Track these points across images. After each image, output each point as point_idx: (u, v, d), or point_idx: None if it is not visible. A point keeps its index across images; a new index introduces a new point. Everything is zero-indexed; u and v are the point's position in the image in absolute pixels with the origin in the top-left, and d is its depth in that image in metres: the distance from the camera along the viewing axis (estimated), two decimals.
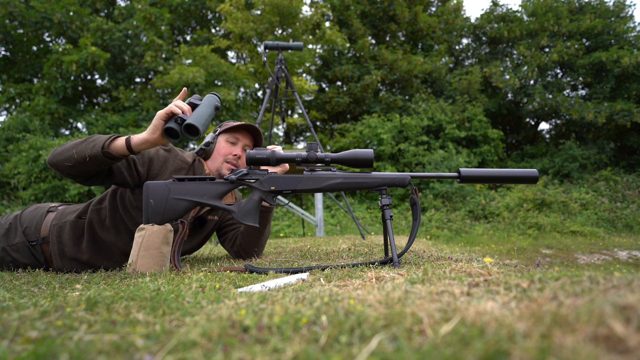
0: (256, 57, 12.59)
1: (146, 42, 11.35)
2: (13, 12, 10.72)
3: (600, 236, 7.97)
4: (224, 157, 1.75)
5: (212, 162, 1.77)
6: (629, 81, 11.99)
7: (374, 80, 11.96)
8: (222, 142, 1.77)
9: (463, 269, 1.02)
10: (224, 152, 1.75)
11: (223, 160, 1.75)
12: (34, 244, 1.68)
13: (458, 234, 8.49)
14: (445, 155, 10.39)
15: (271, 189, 1.45)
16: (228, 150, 1.75)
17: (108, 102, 12.76)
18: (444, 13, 14.70)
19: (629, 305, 0.53)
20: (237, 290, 0.87)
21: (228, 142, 1.77)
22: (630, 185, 10.51)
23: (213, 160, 1.77)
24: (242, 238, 1.81)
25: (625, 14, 13.36)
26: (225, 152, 1.75)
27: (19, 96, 11.48)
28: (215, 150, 1.76)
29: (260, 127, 10.23)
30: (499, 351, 0.46)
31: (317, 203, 5.71)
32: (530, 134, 14.12)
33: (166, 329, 0.61)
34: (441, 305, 0.66)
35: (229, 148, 1.76)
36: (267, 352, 0.51)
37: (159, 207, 1.39)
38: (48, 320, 0.68)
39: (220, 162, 1.75)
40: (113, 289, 0.97)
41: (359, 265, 1.33)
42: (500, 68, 12.95)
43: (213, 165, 1.76)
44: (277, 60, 3.36)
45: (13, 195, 8.93)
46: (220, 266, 1.51)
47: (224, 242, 1.93)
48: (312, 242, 3.00)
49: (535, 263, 1.33)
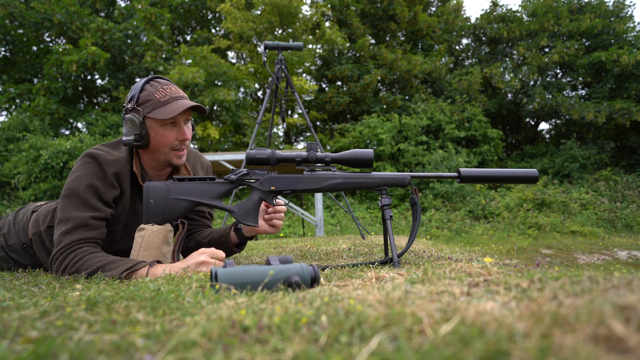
0: (256, 57, 12.59)
1: (146, 42, 11.36)
2: (13, 13, 10.73)
3: (600, 236, 7.97)
4: (168, 146, 1.50)
5: (156, 154, 1.51)
6: (628, 81, 12.00)
7: (373, 80, 11.97)
8: (158, 129, 1.47)
9: (463, 269, 1.02)
10: (167, 140, 1.48)
11: (169, 150, 1.50)
12: (26, 245, 1.67)
13: (458, 234, 8.49)
14: (445, 155, 10.39)
15: (271, 189, 1.45)
16: (171, 137, 1.49)
17: (108, 102, 12.77)
18: (444, 13, 14.70)
19: (629, 305, 0.53)
20: (237, 290, 0.87)
21: (165, 127, 1.47)
22: (630, 185, 10.51)
23: (155, 151, 1.51)
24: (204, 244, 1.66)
25: (625, 14, 13.37)
26: (169, 140, 1.49)
27: (19, 96, 11.49)
28: (152, 139, 1.48)
29: (260, 127, 10.24)
30: (499, 351, 0.46)
31: (317, 203, 5.71)
32: (530, 134, 14.12)
33: (166, 329, 0.61)
34: (441, 305, 0.66)
35: (171, 133, 1.48)
36: (267, 352, 0.51)
37: (159, 207, 1.39)
38: (48, 320, 0.68)
39: (166, 152, 1.50)
40: (113, 289, 0.97)
41: (359, 265, 1.33)
42: (500, 69, 12.95)
43: (157, 158, 1.52)
44: (277, 60, 3.36)
45: (13, 195, 8.93)
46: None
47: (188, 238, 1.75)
48: (312, 242, 3.00)
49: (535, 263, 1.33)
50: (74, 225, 1.34)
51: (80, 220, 1.35)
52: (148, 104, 1.45)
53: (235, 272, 0.90)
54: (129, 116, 1.45)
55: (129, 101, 1.49)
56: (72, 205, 1.37)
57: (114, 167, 1.43)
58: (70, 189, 1.38)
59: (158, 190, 1.40)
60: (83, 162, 1.42)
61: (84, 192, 1.37)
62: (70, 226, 1.34)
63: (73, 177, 1.41)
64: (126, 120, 1.46)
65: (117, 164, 1.44)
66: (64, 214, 1.37)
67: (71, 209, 1.36)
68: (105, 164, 1.42)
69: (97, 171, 1.41)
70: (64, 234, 1.34)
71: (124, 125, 1.48)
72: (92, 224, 1.37)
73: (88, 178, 1.39)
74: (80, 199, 1.37)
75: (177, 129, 1.50)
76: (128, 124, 1.46)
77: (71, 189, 1.38)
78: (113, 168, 1.43)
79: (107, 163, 1.42)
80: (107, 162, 1.42)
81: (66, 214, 1.36)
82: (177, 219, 1.42)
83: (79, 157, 1.46)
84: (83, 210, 1.37)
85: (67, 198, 1.38)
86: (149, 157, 1.54)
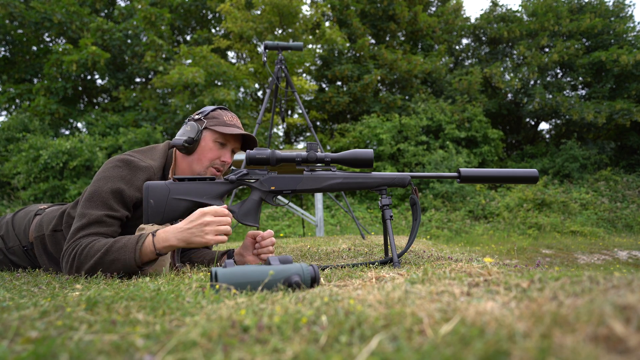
0: (256, 57, 12.59)
1: (146, 42, 11.36)
2: (13, 13, 10.72)
3: (600, 236, 7.97)
4: (210, 161, 1.56)
5: (195, 163, 1.56)
6: (628, 81, 12.00)
7: (373, 80, 11.97)
8: (209, 142, 1.55)
9: (463, 269, 1.02)
10: (212, 155, 1.56)
11: (209, 165, 1.56)
12: (26, 248, 1.67)
13: (458, 234, 8.49)
14: (445, 155, 10.39)
15: (271, 189, 1.45)
16: (216, 154, 1.56)
17: (108, 102, 12.77)
18: (444, 13, 14.70)
19: (629, 305, 0.53)
20: (237, 290, 0.87)
21: (217, 143, 1.56)
22: (630, 185, 10.51)
23: (197, 160, 1.56)
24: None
25: (625, 14, 13.37)
26: (213, 156, 1.56)
27: (19, 96, 11.49)
28: (200, 149, 1.55)
29: (260, 127, 10.23)
30: (499, 351, 0.46)
31: (317, 203, 5.71)
32: (530, 134, 14.12)
33: (166, 329, 0.61)
34: (441, 305, 0.66)
35: (217, 151, 1.56)
36: (267, 352, 0.51)
37: (159, 207, 1.39)
38: (48, 320, 0.68)
39: (205, 165, 1.56)
40: (113, 289, 0.97)
41: (359, 265, 1.33)
42: (500, 69, 12.95)
43: (196, 167, 1.56)
44: (277, 60, 3.36)
45: (13, 195, 8.93)
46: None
47: None
48: (312, 242, 3.00)
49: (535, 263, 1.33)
50: (88, 221, 1.37)
51: (95, 217, 1.37)
52: (214, 120, 1.56)
53: (235, 272, 0.90)
54: (192, 122, 1.55)
55: (198, 113, 1.60)
56: (92, 204, 1.40)
57: (145, 173, 1.46)
58: (94, 190, 1.41)
59: (158, 190, 1.40)
60: (114, 166, 1.44)
61: (106, 194, 1.40)
62: (85, 222, 1.37)
63: (100, 177, 1.43)
64: (187, 124, 1.55)
65: (148, 171, 1.47)
66: (82, 210, 1.40)
67: (90, 206, 1.39)
68: (136, 169, 1.44)
69: (125, 175, 1.43)
70: (77, 229, 1.37)
71: (183, 128, 1.56)
72: (106, 221, 1.39)
73: (114, 182, 1.41)
74: (101, 199, 1.40)
75: (224, 150, 1.57)
76: (187, 127, 1.54)
77: (95, 190, 1.41)
78: (144, 174, 1.45)
79: (140, 169, 1.45)
80: (139, 167, 1.45)
81: (84, 210, 1.39)
82: (177, 219, 1.42)
83: (111, 159, 1.48)
84: (100, 209, 1.39)
85: (90, 197, 1.41)
86: (187, 164, 1.57)
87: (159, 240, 1.27)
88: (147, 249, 1.27)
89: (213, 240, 1.26)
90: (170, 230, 1.28)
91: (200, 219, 1.26)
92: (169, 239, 1.27)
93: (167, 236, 1.27)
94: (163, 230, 1.30)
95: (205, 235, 1.25)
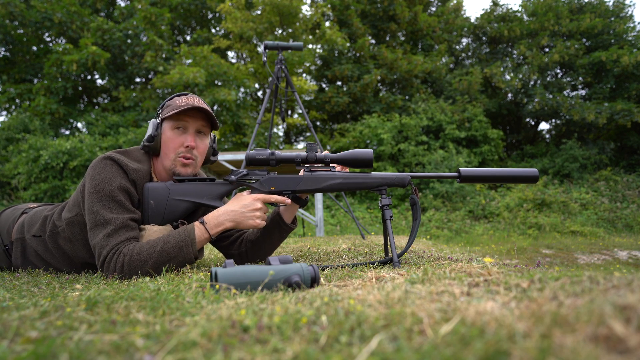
0: (256, 57, 12.59)
1: (146, 42, 11.36)
2: (13, 12, 10.72)
3: (600, 236, 7.97)
4: (175, 152, 1.44)
5: (164, 159, 1.46)
6: (628, 81, 12.00)
7: (373, 80, 11.97)
8: (167, 132, 1.45)
9: (463, 269, 1.02)
10: (174, 145, 1.44)
11: (175, 156, 1.44)
12: (7, 247, 1.63)
13: (458, 234, 8.49)
14: (445, 155, 10.39)
15: (271, 190, 1.45)
16: (178, 142, 1.44)
17: (108, 102, 12.77)
18: (444, 13, 14.70)
19: (629, 305, 0.53)
20: (237, 290, 0.87)
21: (175, 130, 1.45)
22: (630, 185, 10.51)
23: (164, 156, 1.46)
24: (251, 246, 1.58)
25: (625, 14, 13.37)
26: (175, 144, 1.44)
27: (19, 96, 11.48)
28: (163, 143, 1.45)
29: (260, 127, 10.24)
30: (499, 351, 0.46)
31: (317, 203, 5.72)
32: (531, 134, 14.12)
33: (166, 329, 0.61)
34: (441, 305, 0.66)
35: (178, 138, 1.44)
36: (267, 352, 0.51)
37: (159, 208, 1.39)
38: (48, 320, 0.68)
39: (171, 157, 1.44)
40: (113, 289, 0.97)
41: (359, 265, 1.33)
42: (500, 69, 12.95)
43: (165, 163, 1.46)
44: (277, 60, 3.36)
45: (14, 195, 8.93)
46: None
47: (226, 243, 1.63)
48: (312, 242, 3.00)
49: (535, 263, 1.33)
50: (115, 226, 1.29)
51: (120, 221, 1.30)
52: (168, 109, 1.47)
53: (235, 272, 0.90)
54: (151, 120, 1.48)
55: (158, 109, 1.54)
56: (107, 207, 1.31)
57: (134, 174, 1.39)
58: (101, 191, 1.32)
59: (158, 191, 1.40)
60: (106, 165, 1.36)
61: (116, 193, 1.33)
62: (112, 228, 1.29)
63: (99, 179, 1.34)
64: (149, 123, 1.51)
65: (137, 172, 1.40)
66: (101, 217, 1.30)
67: (108, 211, 1.31)
68: (127, 169, 1.38)
69: (122, 174, 1.37)
70: (106, 237, 1.28)
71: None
72: (131, 225, 1.33)
73: (117, 180, 1.34)
74: (114, 201, 1.32)
75: (185, 135, 1.45)
76: (149, 127, 1.48)
77: (102, 191, 1.32)
78: (133, 175, 1.39)
79: (129, 169, 1.38)
80: (129, 168, 1.38)
81: (104, 216, 1.30)
82: (178, 219, 1.42)
83: (97, 160, 1.38)
84: (119, 212, 1.32)
85: (100, 201, 1.32)
86: (159, 164, 1.49)
87: (211, 226, 1.33)
88: (200, 239, 1.32)
89: (259, 224, 1.38)
90: (220, 214, 1.35)
91: (254, 204, 1.37)
92: (223, 223, 1.34)
93: (219, 220, 1.34)
94: (212, 216, 1.35)
95: (256, 220, 1.37)
